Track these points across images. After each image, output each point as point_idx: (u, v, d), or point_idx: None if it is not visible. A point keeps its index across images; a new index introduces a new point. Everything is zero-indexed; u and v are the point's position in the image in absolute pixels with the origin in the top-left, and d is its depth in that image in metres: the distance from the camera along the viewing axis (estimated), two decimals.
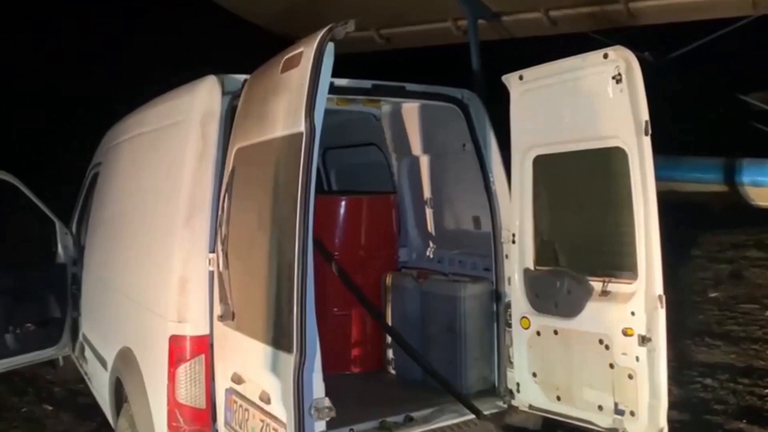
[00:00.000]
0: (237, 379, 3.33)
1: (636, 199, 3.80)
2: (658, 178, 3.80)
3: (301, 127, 2.83)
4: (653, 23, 7.67)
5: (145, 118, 4.81)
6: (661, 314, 3.81)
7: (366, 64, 6.05)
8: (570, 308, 4.16)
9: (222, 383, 3.52)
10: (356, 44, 10.83)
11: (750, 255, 11.65)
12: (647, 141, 3.76)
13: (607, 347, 3.94)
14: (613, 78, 3.80)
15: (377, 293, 5.33)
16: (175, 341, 3.62)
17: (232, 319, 3.34)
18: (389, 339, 5.21)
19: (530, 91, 4.27)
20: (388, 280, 5.20)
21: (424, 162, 5.55)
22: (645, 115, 3.76)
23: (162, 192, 4.01)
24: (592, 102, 3.94)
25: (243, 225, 3.35)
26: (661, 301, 3.79)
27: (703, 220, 11.47)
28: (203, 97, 3.81)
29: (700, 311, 9.14)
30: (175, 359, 3.62)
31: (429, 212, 5.67)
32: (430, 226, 5.69)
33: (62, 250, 6.68)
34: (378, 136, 5.75)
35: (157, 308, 3.82)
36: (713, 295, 9.88)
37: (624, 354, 3.87)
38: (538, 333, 4.34)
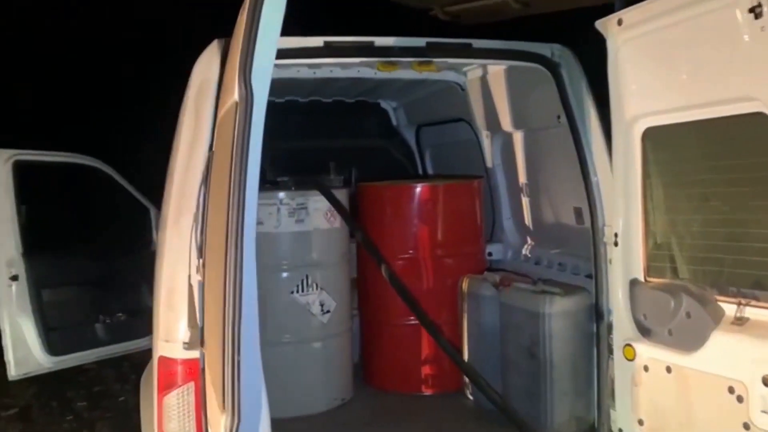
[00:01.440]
0: (212, 423, 2.63)
1: None
2: None
3: (235, 95, 2.02)
4: None
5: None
6: None
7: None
8: (689, 338, 3.02)
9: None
10: (488, 12, 9.76)
11: None
12: None
13: (740, 399, 2.77)
14: (751, 11, 2.57)
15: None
16: (163, 364, 3.01)
17: (202, 346, 2.64)
18: (468, 354, 4.29)
19: (633, 39, 3.12)
20: (465, 285, 4.26)
21: (518, 139, 4.52)
22: None
23: (168, 184, 3.40)
24: (720, 49, 2.74)
25: (211, 226, 2.63)
26: None
27: None
28: (201, 67, 3.14)
29: None
30: (162, 385, 3.00)
31: (525, 201, 4.63)
32: (527, 219, 4.65)
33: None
34: (465, 109, 4.79)
35: (154, 322, 3.24)
36: None
37: (765, 412, 2.69)
38: (646, 368, 3.23)
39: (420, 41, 3.48)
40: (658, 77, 3.08)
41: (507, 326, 3.87)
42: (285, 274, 4.11)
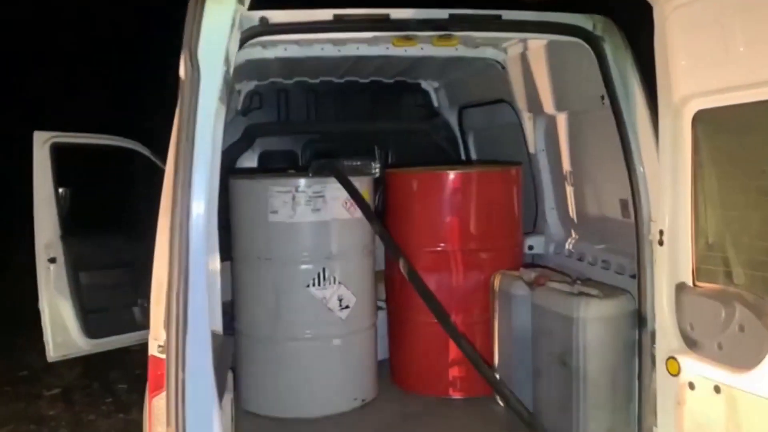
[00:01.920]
0: None
1: None
2: None
3: (181, 71, 1.75)
4: None
5: None
6: None
7: None
8: (742, 355, 2.61)
9: None
10: None
11: None
12: None
13: None
14: None
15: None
16: (152, 364, 2.80)
17: None
18: (498, 358, 3.94)
19: (684, 6, 2.69)
20: (497, 282, 3.90)
21: (561, 123, 4.11)
22: None
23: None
24: None
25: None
26: None
27: None
28: None
29: None
30: (152, 386, 2.79)
31: (569, 191, 4.22)
32: (571, 210, 4.25)
33: None
34: (506, 89, 4.40)
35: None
36: None
37: None
38: (692, 385, 2.82)
39: (442, 13, 3.13)
40: (712, 51, 2.64)
41: (539, 330, 3.51)
42: (300, 267, 3.85)
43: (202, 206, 1.78)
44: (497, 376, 3.90)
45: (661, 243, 2.97)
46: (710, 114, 2.72)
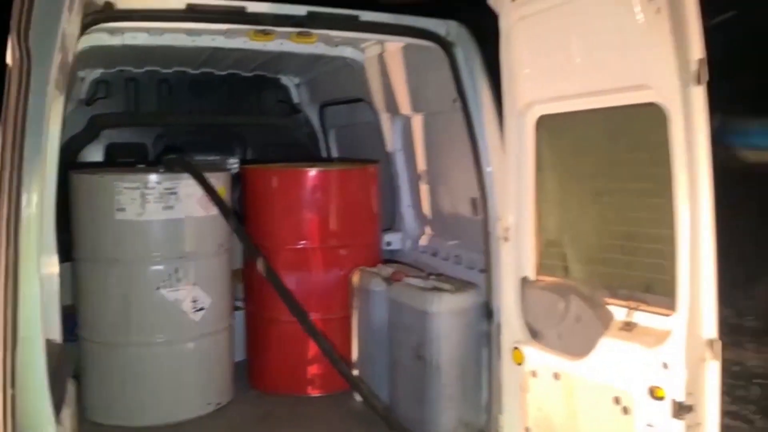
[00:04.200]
0: None
1: (678, 183, 2.38)
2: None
3: (8, 58, 1.62)
4: None
5: None
6: (712, 370, 2.40)
7: None
8: (577, 343, 2.81)
9: None
10: None
11: None
12: (699, 94, 2.31)
13: (625, 410, 2.58)
14: None
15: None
16: None
17: None
18: (357, 354, 3.99)
19: (528, 18, 2.85)
20: (356, 278, 3.95)
21: (417, 123, 4.24)
22: (697, 53, 2.30)
23: None
24: (614, 32, 2.51)
25: None
26: (712, 350, 2.39)
27: None
28: None
29: None
30: None
31: (424, 189, 4.36)
32: (426, 208, 4.39)
33: None
34: (365, 89, 4.46)
35: None
36: None
37: (650, 426, 2.50)
38: (534, 374, 3.01)
39: (300, 9, 3.12)
40: (552, 60, 2.82)
41: (396, 325, 3.60)
42: (150, 268, 3.66)
43: (34, 205, 1.63)
44: (356, 372, 3.97)
45: (506, 239, 3.14)
46: (551, 119, 2.91)
